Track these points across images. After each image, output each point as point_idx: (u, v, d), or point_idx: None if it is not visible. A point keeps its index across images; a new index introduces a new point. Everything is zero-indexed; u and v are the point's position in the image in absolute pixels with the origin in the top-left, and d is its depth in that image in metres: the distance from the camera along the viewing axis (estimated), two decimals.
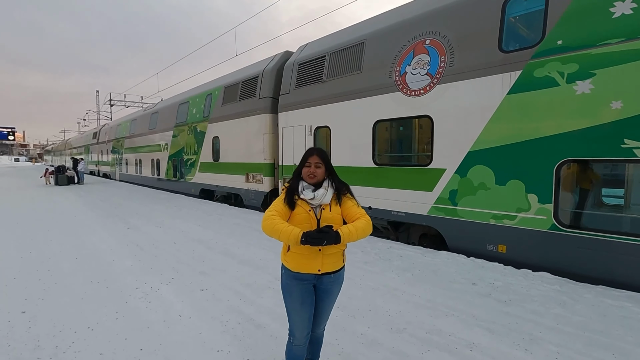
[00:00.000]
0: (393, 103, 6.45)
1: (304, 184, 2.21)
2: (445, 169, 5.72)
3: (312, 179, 2.20)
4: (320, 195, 2.16)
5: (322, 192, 2.17)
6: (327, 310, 2.30)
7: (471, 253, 5.45)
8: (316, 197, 2.15)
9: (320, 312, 2.27)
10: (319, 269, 2.13)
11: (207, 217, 9.01)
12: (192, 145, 13.42)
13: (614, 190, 4.88)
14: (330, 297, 2.24)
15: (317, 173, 2.20)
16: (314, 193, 2.16)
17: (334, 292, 2.25)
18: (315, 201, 2.15)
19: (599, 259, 4.26)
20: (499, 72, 5.05)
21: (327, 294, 2.22)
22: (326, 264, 2.14)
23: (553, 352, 2.81)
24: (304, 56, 8.65)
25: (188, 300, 3.89)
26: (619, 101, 4.07)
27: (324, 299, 2.23)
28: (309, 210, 2.15)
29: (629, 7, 4.02)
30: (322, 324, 2.34)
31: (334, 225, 2.07)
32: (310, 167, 2.20)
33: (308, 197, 2.15)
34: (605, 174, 4.71)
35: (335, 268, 2.19)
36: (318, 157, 2.22)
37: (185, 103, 14.12)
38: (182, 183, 14.59)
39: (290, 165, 8.86)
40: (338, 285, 2.25)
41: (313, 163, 2.21)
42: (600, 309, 3.51)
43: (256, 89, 10.10)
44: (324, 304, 2.25)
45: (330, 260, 2.16)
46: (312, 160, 2.22)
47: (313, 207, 2.16)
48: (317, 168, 2.20)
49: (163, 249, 6.00)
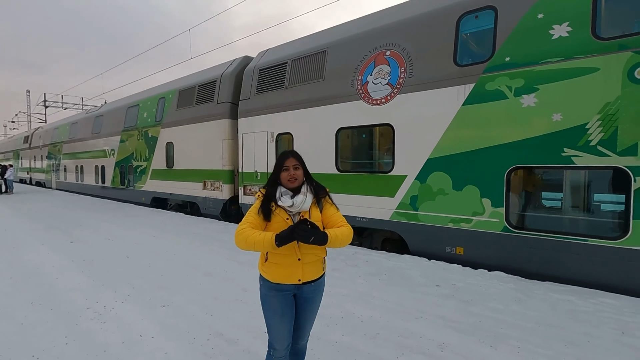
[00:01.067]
0: (355, 111, 6.60)
1: (282, 190, 2.10)
2: (406, 176, 5.95)
3: (293, 182, 2.10)
4: (299, 201, 2.05)
5: (301, 198, 2.06)
6: (310, 321, 2.21)
7: (432, 256, 5.69)
8: (295, 204, 2.04)
9: (303, 323, 2.18)
10: (299, 279, 2.05)
11: (163, 227, 8.50)
12: (143, 151, 12.64)
13: (555, 194, 5.38)
14: (312, 306, 2.16)
15: (297, 175, 2.11)
16: (293, 200, 2.05)
17: (316, 301, 2.17)
18: (294, 208, 2.04)
19: (545, 257, 4.67)
20: (454, 84, 5.38)
21: (309, 302, 2.14)
22: (307, 272, 2.06)
23: (515, 347, 3.01)
24: (265, 62, 8.57)
25: (149, 318, 3.62)
26: (559, 114, 4.52)
27: (306, 307, 2.15)
28: (286, 218, 2.05)
29: (565, 30, 4.50)
30: (305, 336, 2.25)
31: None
32: (289, 170, 2.10)
33: (287, 204, 2.04)
34: (548, 180, 5.19)
35: (316, 276, 2.11)
36: (295, 159, 2.13)
37: (135, 106, 13.29)
38: (131, 191, 13.66)
39: (251, 172, 8.68)
40: (319, 293, 2.18)
41: (291, 166, 2.11)
42: (550, 304, 3.83)
43: (214, 93, 9.80)
44: (305, 313, 2.16)
45: (310, 268, 2.07)
46: (290, 163, 2.12)
47: (291, 215, 2.07)
48: (296, 170, 2.12)
49: (115, 263, 5.55)
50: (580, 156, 4.38)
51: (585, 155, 4.36)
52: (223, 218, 9.63)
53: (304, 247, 2.01)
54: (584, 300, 3.87)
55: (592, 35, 4.31)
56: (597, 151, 4.28)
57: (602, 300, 3.86)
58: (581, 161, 4.38)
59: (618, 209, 4.36)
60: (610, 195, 4.71)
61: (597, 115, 4.28)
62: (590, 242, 4.36)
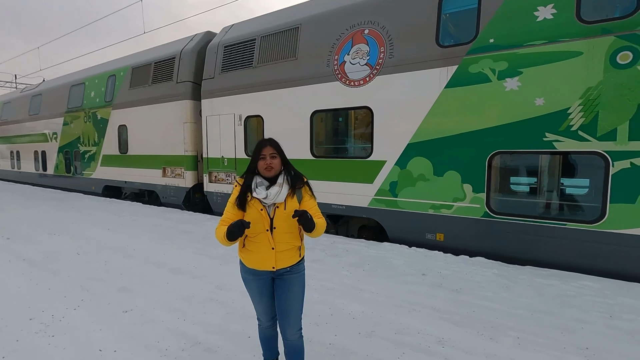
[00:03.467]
0: (332, 93, 6.23)
1: (257, 180, 2.09)
2: (385, 161, 5.74)
3: (269, 171, 2.08)
4: (273, 194, 2.04)
5: (275, 190, 2.05)
6: (293, 308, 2.15)
7: (411, 243, 5.58)
8: (269, 197, 2.04)
9: (287, 309, 2.13)
10: (273, 266, 2.08)
11: (118, 219, 7.70)
12: (91, 134, 11.42)
13: (535, 179, 5.44)
14: (292, 287, 2.13)
15: (273, 164, 2.09)
16: (267, 192, 2.04)
17: (296, 284, 2.15)
18: (268, 200, 2.04)
19: (525, 242, 4.69)
20: (437, 65, 5.19)
21: (288, 284, 2.13)
22: (280, 260, 2.09)
23: (514, 338, 2.91)
24: (231, 38, 7.88)
25: (109, 328, 3.11)
26: (542, 98, 4.48)
27: (285, 291, 2.13)
28: (260, 209, 2.05)
29: (549, 12, 4.41)
30: (292, 326, 2.15)
31: (290, 222, 2.03)
32: (266, 159, 2.08)
33: (261, 196, 2.04)
34: (529, 165, 5.21)
35: (291, 263, 2.13)
36: (272, 148, 2.10)
37: (80, 85, 11.91)
38: (78, 179, 12.38)
39: (217, 158, 8.07)
40: (298, 275, 2.17)
41: (268, 154, 2.09)
42: (536, 289, 3.82)
43: (173, 71, 8.93)
44: (287, 298, 2.13)
45: (284, 256, 2.10)
46: (266, 151, 2.09)
47: (266, 206, 2.06)
48: (273, 159, 2.09)
49: (63, 263, 4.85)
50: (562, 141, 4.39)
51: (566, 140, 4.36)
52: (186, 207, 8.96)
53: (278, 237, 2.06)
54: (567, 284, 3.91)
55: (576, 18, 4.26)
56: (578, 136, 4.30)
57: (583, 283, 3.92)
58: (562, 146, 4.39)
59: (596, 193, 4.44)
60: (588, 179, 4.81)
61: (579, 100, 4.27)
62: (569, 226, 4.42)
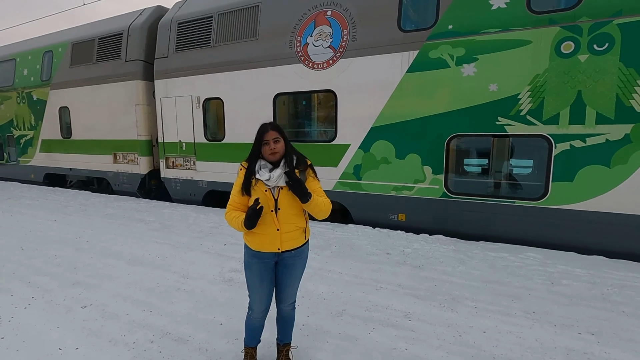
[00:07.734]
0: (295, 75, 6.13)
1: (261, 163, 2.12)
2: (349, 144, 5.81)
3: (274, 156, 2.10)
4: (275, 177, 2.07)
5: (278, 172, 2.08)
6: (292, 285, 2.26)
7: (375, 224, 5.77)
8: (271, 179, 2.07)
9: (284, 286, 2.24)
10: (279, 248, 2.11)
11: (64, 209, 7.14)
12: (27, 117, 10.34)
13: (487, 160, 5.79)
14: (293, 271, 2.21)
15: (277, 148, 2.10)
16: (270, 174, 2.07)
17: (297, 267, 2.22)
18: (271, 182, 2.08)
19: (478, 219, 5.05)
20: (399, 50, 5.28)
21: (290, 268, 2.19)
22: (286, 241, 2.12)
23: (472, 307, 3.16)
24: (185, 14, 7.41)
25: (67, 325, 2.93)
26: (495, 84, 4.75)
27: (286, 273, 2.20)
28: (265, 190, 2.09)
29: (503, 1, 4.64)
30: (288, 299, 2.29)
31: (294, 203, 2.10)
32: (270, 144, 2.10)
33: (264, 178, 2.08)
34: (482, 147, 5.54)
35: (296, 245, 2.17)
36: (275, 132, 2.12)
37: (10, 61, 10.64)
38: (14, 167, 11.23)
39: (174, 143, 7.69)
40: (301, 260, 2.23)
41: (271, 139, 2.10)
42: (488, 262, 4.16)
43: (121, 49, 8.25)
44: (286, 277, 2.21)
45: (289, 237, 2.13)
46: (269, 136, 2.10)
47: (270, 188, 2.10)
48: (277, 143, 2.11)
49: (6, 258, 4.44)
50: (512, 125, 4.71)
51: (516, 124, 4.69)
52: (141, 195, 8.51)
53: (283, 218, 2.09)
54: (515, 256, 4.29)
55: (527, 8, 4.51)
56: (526, 120, 4.63)
57: (528, 254, 4.32)
58: (512, 129, 4.72)
59: (540, 173, 4.86)
60: (533, 160, 5.23)
61: (528, 86, 4.58)
62: (517, 203, 4.81)
